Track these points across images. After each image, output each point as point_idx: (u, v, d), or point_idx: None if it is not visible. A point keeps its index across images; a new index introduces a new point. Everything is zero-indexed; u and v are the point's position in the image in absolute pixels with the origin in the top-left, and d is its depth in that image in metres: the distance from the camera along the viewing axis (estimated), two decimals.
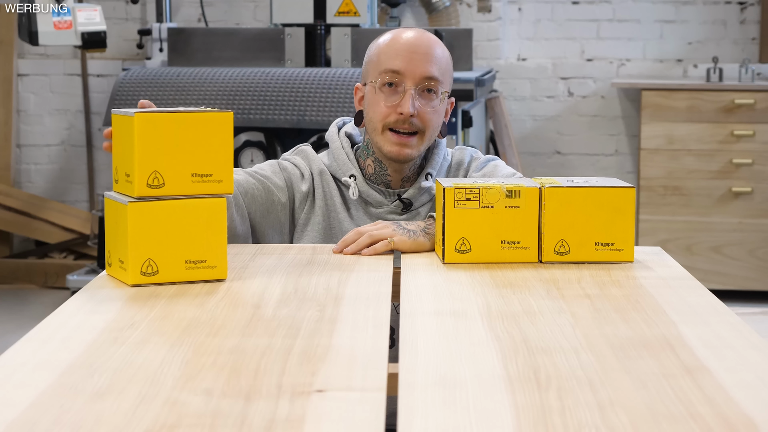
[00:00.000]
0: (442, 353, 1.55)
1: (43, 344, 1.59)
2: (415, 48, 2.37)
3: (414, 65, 2.35)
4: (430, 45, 2.38)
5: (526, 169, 5.76)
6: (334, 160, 2.46)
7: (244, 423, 1.26)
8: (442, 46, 2.41)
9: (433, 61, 2.37)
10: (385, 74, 2.36)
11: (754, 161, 5.23)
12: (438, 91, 2.37)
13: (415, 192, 2.43)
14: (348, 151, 2.46)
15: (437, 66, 2.37)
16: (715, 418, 1.28)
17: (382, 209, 2.44)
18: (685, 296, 1.91)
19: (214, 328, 1.67)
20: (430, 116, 2.37)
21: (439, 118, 2.40)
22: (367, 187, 2.43)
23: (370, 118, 2.41)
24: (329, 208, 2.43)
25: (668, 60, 5.75)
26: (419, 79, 2.36)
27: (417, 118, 2.36)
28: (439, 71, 2.37)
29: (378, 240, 2.20)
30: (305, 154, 2.49)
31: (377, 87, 2.38)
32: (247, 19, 5.87)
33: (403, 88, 2.36)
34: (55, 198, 5.98)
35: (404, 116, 2.35)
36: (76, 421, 1.27)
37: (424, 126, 2.37)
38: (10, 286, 5.64)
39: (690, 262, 5.21)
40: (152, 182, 1.93)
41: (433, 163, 2.44)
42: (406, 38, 2.38)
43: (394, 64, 2.36)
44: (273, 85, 4.50)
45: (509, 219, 2.13)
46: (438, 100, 2.38)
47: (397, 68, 2.36)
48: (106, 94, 5.89)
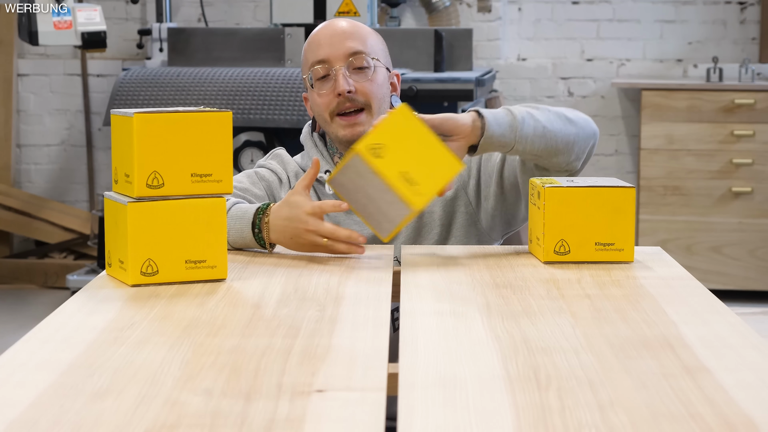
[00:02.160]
0: (442, 353, 1.55)
1: (43, 344, 1.59)
2: (331, 32, 2.40)
3: (335, 47, 2.38)
4: (346, 26, 2.41)
5: None
6: (309, 159, 2.47)
7: (244, 423, 1.26)
8: (360, 24, 2.43)
9: (353, 37, 2.39)
10: (314, 68, 2.39)
11: (754, 161, 5.23)
12: (369, 63, 2.38)
13: None
14: (322, 149, 2.47)
15: (359, 40, 2.39)
16: (715, 418, 1.28)
17: None
18: (685, 296, 1.91)
19: (214, 328, 1.67)
20: (369, 87, 2.38)
21: (380, 89, 2.40)
22: None
23: (317, 113, 2.42)
24: None
25: (668, 60, 5.75)
26: (343, 56, 2.37)
27: (357, 94, 2.37)
28: (362, 44, 2.39)
29: None
30: (280, 158, 2.51)
31: (312, 83, 2.40)
32: (247, 19, 5.87)
33: (333, 73, 2.38)
34: (55, 198, 5.98)
35: (342, 96, 2.36)
36: (76, 421, 1.27)
37: (366, 99, 2.38)
38: (10, 286, 5.64)
39: (690, 262, 5.21)
40: (152, 182, 1.93)
41: None
42: (319, 29, 2.43)
43: (317, 54, 2.39)
44: (273, 85, 4.50)
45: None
46: (372, 71, 2.39)
47: (321, 57, 2.38)
48: (106, 94, 5.89)
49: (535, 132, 2.20)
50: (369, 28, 2.45)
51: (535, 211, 2.18)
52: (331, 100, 2.38)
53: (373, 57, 2.39)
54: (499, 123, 2.17)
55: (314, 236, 2.14)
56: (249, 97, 4.47)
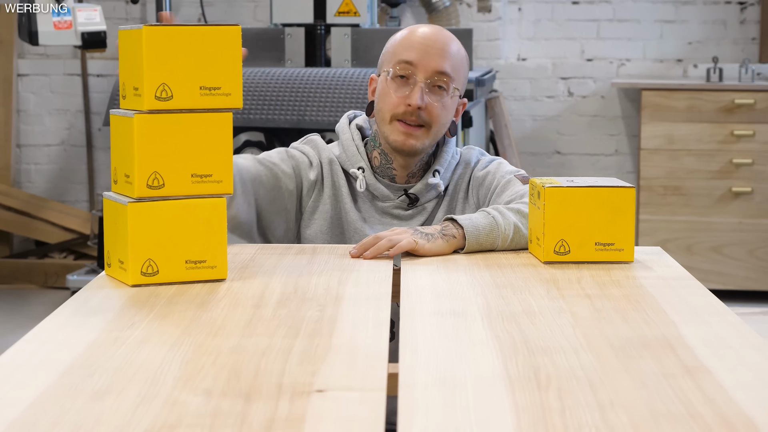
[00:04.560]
0: (442, 353, 1.55)
1: (43, 344, 1.59)
2: (430, 42, 2.39)
3: (427, 58, 2.37)
4: (445, 41, 2.40)
5: (526, 169, 5.76)
6: (344, 152, 2.47)
7: (244, 423, 1.26)
8: (459, 45, 2.43)
9: (446, 56, 2.38)
10: (398, 65, 2.38)
11: (754, 161, 5.23)
12: (449, 88, 2.39)
13: (421, 188, 2.44)
14: (358, 143, 2.47)
15: (450, 62, 2.38)
16: (715, 418, 1.28)
17: (388, 203, 2.45)
18: (685, 296, 1.91)
19: (214, 328, 1.67)
20: (439, 111, 2.38)
21: (447, 115, 2.41)
22: (374, 180, 2.44)
23: (379, 108, 2.42)
24: (337, 198, 2.45)
25: (668, 60, 5.75)
26: (431, 72, 2.37)
27: (425, 112, 2.37)
28: (451, 68, 2.38)
29: (398, 242, 2.20)
30: (315, 143, 2.50)
31: (389, 77, 2.40)
32: (247, 19, 5.87)
33: (414, 80, 2.38)
34: (55, 198, 5.98)
35: (412, 107, 2.36)
36: (76, 421, 1.27)
37: (431, 120, 2.38)
38: (10, 286, 5.64)
39: (690, 262, 5.21)
40: (152, 183, 1.93)
41: (441, 161, 2.45)
42: (422, 32, 2.41)
43: (408, 55, 2.38)
44: (273, 85, 4.50)
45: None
46: (448, 97, 2.39)
47: (410, 59, 2.37)
48: (106, 94, 5.89)
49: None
50: (464, 52, 2.44)
51: (535, 211, 2.18)
52: (399, 104, 2.38)
53: (455, 86, 2.40)
54: (479, 234, 2.24)
55: None
56: (249, 97, 4.47)
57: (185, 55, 1.92)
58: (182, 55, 1.92)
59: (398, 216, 2.44)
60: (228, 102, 1.95)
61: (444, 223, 2.26)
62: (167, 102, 1.91)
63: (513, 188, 2.37)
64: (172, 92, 1.92)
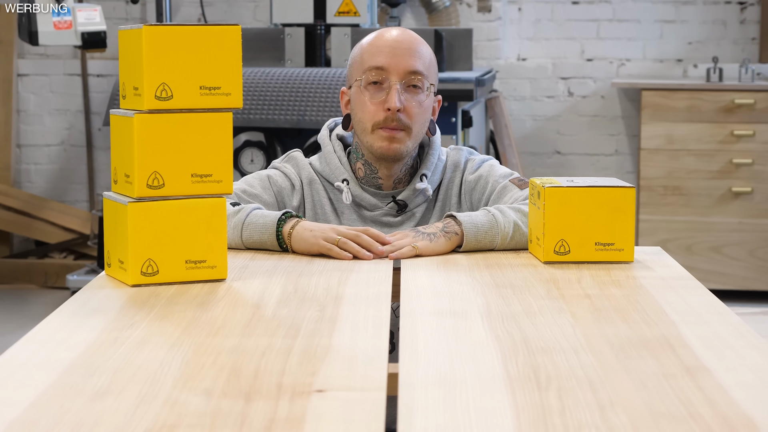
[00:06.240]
0: (442, 353, 1.55)
1: (43, 344, 1.59)
2: (398, 44, 2.37)
3: (398, 60, 2.35)
4: (412, 41, 2.39)
5: (526, 169, 5.76)
6: (327, 165, 2.44)
7: (244, 423, 1.26)
8: (425, 43, 2.42)
9: (416, 55, 2.37)
10: (369, 72, 2.36)
11: (754, 161, 5.23)
12: (424, 86, 2.37)
13: (409, 194, 2.42)
14: (340, 155, 2.44)
15: (421, 60, 2.37)
16: (715, 418, 1.28)
17: (377, 212, 2.42)
18: (685, 296, 1.91)
19: (214, 328, 1.67)
20: (416, 111, 2.36)
21: (425, 114, 2.39)
22: (360, 190, 2.42)
23: (358, 119, 2.39)
24: (318, 218, 2.42)
25: (668, 60, 5.75)
26: (403, 73, 2.36)
27: (404, 114, 2.35)
28: (423, 65, 2.37)
29: (400, 248, 2.20)
30: (295, 161, 2.47)
31: (362, 86, 2.37)
32: (247, 19, 5.87)
33: (388, 84, 2.36)
34: (55, 198, 5.98)
35: (392, 111, 2.34)
36: (76, 421, 1.27)
37: (410, 121, 2.36)
38: (10, 286, 5.64)
39: (690, 262, 5.21)
40: (152, 183, 1.93)
41: (427, 164, 2.43)
42: (388, 36, 2.39)
43: (377, 60, 2.36)
44: (273, 85, 4.50)
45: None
46: (424, 95, 2.38)
47: (380, 64, 2.36)
48: (106, 94, 5.89)
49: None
50: (429, 48, 2.43)
51: (535, 211, 2.18)
52: (378, 111, 2.36)
53: (430, 83, 2.39)
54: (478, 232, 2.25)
55: (333, 233, 2.17)
56: (249, 97, 4.47)
57: (185, 54, 1.92)
58: (182, 55, 1.92)
59: (388, 223, 2.41)
60: (228, 102, 1.96)
61: (446, 220, 2.26)
62: (167, 102, 1.91)
63: (510, 194, 2.36)
64: (172, 92, 1.92)
